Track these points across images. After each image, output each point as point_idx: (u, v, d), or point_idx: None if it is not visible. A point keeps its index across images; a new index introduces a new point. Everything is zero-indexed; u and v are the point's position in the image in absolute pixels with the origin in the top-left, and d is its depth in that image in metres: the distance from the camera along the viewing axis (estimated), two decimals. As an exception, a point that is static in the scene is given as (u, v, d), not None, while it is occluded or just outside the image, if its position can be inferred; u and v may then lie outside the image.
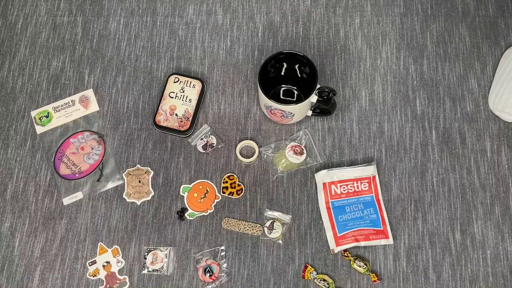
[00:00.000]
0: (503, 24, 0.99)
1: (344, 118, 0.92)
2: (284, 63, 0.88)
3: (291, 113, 0.85)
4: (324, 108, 0.88)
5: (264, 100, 0.84)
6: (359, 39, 0.98)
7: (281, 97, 0.92)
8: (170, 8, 1.01)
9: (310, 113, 0.89)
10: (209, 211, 0.87)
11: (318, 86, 0.83)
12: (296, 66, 0.88)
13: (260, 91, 0.83)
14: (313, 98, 0.83)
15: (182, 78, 0.93)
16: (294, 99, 0.92)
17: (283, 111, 0.84)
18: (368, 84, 0.95)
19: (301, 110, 0.86)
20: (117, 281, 0.83)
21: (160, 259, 0.84)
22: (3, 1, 1.03)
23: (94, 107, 0.94)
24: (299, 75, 0.89)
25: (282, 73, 0.90)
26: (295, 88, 0.92)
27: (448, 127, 0.92)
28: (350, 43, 0.98)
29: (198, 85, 0.93)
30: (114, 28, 1.00)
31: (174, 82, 0.93)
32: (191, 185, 0.88)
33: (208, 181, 0.88)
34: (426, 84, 0.95)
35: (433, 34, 0.98)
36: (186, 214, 0.86)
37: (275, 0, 1.01)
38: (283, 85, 0.92)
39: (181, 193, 0.88)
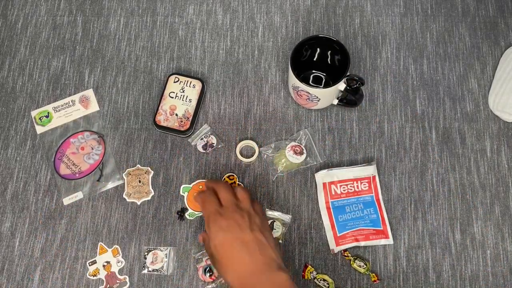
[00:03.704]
0: (503, 24, 0.99)
1: (344, 118, 0.92)
2: (318, 49, 0.90)
3: (317, 97, 0.85)
4: (351, 99, 0.88)
5: (292, 79, 0.85)
6: (359, 39, 0.98)
7: (311, 82, 0.93)
8: (170, 8, 1.01)
9: (336, 101, 0.90)
10: (209, 211, 0.87)
11: (348, 73, 0.83)
12: (329, 53, 0.90)
13: (290, 70, 0.84)
14: (341, 85, 0.84)
15: (182, 78, 0.93)
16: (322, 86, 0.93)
17: (309, 94, 0.85)
18: (368, 84, 0.95)
19: (327, 96, 0.87)
20: (117, 281, 0.83)
21: (160, 259, 0.84)
22: (3, 1, 1.03)
23: (94, 107, 0.94)
24: (331, 62, 0.91)
25: (315, 59, 0.91)
26: (324, 74, 0.93)
27: (448, 127, 0.92)
28: (350, 43, 0.98)
29: (198, 85, 0.93)
30: (114, 28, 1.00)
31: (174, 82, 0.93)
32: (191, 185, 0.88)
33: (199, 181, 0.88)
34: (426, 84, 0.95)
35: (433, 34, 0.98)
36: (186, 214, 0.86)
37: (275, 0, 1.01)
38: (314, 71, 0.93)
39: (181, 193, 0.88)
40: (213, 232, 0.72)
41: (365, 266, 0.82)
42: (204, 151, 0.90)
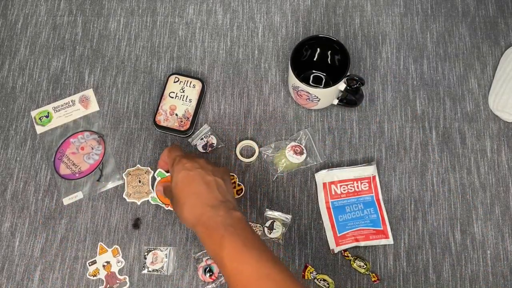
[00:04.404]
0: (503, 24, 0.99)
1: (344, 118, 0.92)
2: (318, 49, 0.90)
3: (317, 97, 0.85)
4: (351, 99, 0.88)
5: (292, 79, 0.85)
6: (359, 39, 0.98)
7: (311, 82, 0.93)
8: (170, 8, 1.01)
9: (336, 102, 0.90)
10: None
11: (348, 74, 0.83)
12: (329, 53, 0.90)
13: (290, 70, 0.85)
14: (341, 85, 0.84)
15: (182, 78, 0.93)
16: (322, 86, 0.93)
17: (309, 94, 0.85)
18: (368, 84, 0.95)
19: (327, 96, 0.87)
20: (117, 281, 0.83)
21: (160, 259, 0.84)
22: (3, 1, 1.03)
23: (94, 107, 0.94)
24: (331, 62, 0.91)
25: (315, 59, 0.92)
26: (324, 74, 0.93)
27: (448, 127, 0.92)
28: (350, 43, 0.98)
29: (198, 85, 0.93)
30: (114, 28, 1.00)
31: (174, 82, 0.93)
32: (167, 175, 0.84)
33: None
34: (426, 84, 0.95)
35: (433, 34, 0.98)
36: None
37: (275, 0, 1.01)
38: (314, 71, 0.93)
39: (155, 175, 0.85)
40: (176, 171, 0.74)
41: (365, 266, 0.82)
42: (204, 151, 0.90)
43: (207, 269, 0.82)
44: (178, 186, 0.73)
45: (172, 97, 0.92)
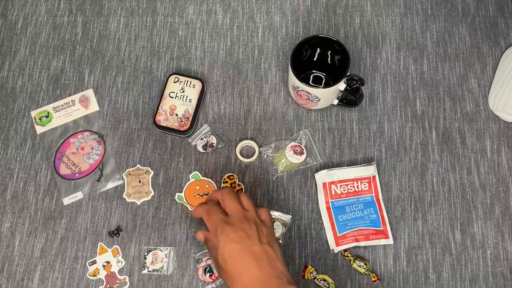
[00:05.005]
0: (503, 24, 0.99)
1: (344, 118, 0.92)
2: (318, 49, 0.90)
3: (317, 97, 0.86)
4: (351, 99, 0.88)
5: (292, 79, 0.85)
6: (359, 39, 0.98)
7: (311, 82, 0.94)
8: (170, 8, 1.01)
9: (336, 102, 0.90)
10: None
11: (348, 74, 0.83)
12: (329, 53, 0.90)
13: (290, 70, 0.85)
14: (341, 85, 0.84)
15: (182, 78, 0.93)
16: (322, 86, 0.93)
17: (309, 93, 0.85)
18: (368, 84, 0.95)
19: (327, 96, 0.87)
20: (117, 281, 0.83)
21: (160, 259, 0.84)
22: (3, 1, 1.03)
23: (94, 107, 0.94)
24: (331, 62, 0.91)
25: (315, 59, 0.92)
26: (324, 74, 0.93)
27: (448, 127, 0.92)
28: (350, 43, 0.98)
29: (198, 85, 0.93)
30: (114, 28, 1.00)
31: (174, 82, 0.93)
32: (201, 178, 0.88)
33: (210, 180, 0.89)
34: (426, 84, 0.95)
35: (433, 34, 0.98)
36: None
37: (275, 0, 1.01)
38: (314, 71, 0.94)
39: (190, 175, 0.88)
40: (222, 242, 0.70)
41: (365, 266, 0.82)
42: (204, 151, 0.90)
43: (207, 269, 0.82)
44: (226, 261, 0.70)
45: (172, 97, 0.92)
